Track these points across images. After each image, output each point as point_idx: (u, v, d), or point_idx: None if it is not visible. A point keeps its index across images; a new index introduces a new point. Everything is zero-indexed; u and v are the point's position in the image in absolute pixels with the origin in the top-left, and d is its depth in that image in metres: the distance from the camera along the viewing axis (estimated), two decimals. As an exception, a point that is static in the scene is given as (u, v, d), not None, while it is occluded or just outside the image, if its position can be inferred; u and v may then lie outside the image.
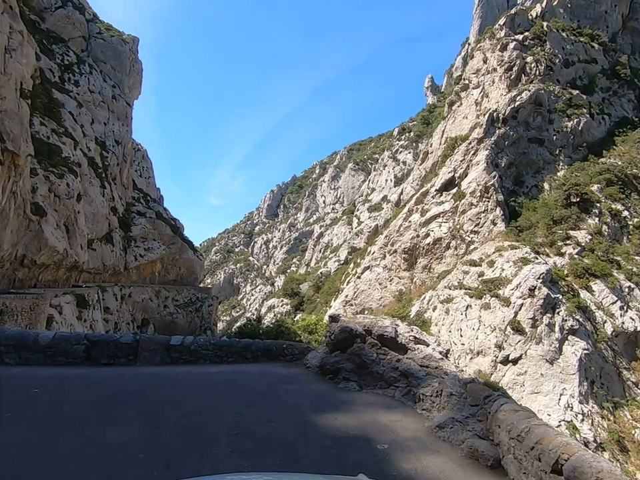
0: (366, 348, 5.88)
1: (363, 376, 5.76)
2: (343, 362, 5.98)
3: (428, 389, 4.71)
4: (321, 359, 6.42)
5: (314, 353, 6.94)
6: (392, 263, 44.55)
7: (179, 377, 5.76)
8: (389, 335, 5.84)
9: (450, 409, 4.22)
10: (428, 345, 5.53)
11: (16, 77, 20.10)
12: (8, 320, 14.31)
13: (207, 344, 7.06)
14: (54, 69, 52.69)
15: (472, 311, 28.21)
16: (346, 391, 5.58)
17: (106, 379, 5.43)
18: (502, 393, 3.95)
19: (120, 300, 49.74)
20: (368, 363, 5.72)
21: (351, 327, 6.11)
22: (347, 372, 5.84)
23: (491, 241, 34.12)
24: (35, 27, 52.61)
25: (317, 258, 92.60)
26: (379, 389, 5.53)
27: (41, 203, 26.49)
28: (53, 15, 62.27)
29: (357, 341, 6.03)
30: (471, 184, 39.22)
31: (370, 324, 6.09)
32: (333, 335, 6.31)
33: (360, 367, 5.82)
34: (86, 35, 68.00)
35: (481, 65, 53.71)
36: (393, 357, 5.69)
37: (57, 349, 6.13)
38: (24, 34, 23.04)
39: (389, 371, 5.53)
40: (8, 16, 20.49)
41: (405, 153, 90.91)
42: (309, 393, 5.42)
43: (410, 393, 5.14)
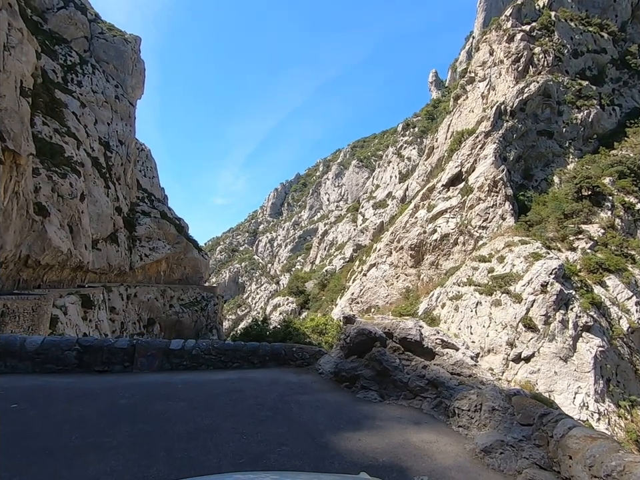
0: (387, 353, 5.27)
1: (384, 384, 5.15)
2: (360, 368, 5.39)
3: (464, 402, 4.08)
4: (335, 364, 5.85)
5: (327, 357, 6.36)
6: (398, 259, 43.92)
7: (177, 387, 5.19)
8: (413, 338, 5.20)
9: (494, 428, 3.65)
10: (457, 348, 4.97)
11: (15, 74, 19.80)
12: (10, 321, 14.03)
13: (210, 348, 6.47)
14: (57, 69, 52.63)
15: (482, 307, 27.55)
16: (366, 402, 4.98)
17: (96, 390, 4.88)
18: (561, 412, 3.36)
19: (126, 300, 49.74)
20: (390, 369, 5.11)
21: (369, 329, 5.50)
22: (366, 380, 5.24)
23: (500, 236, 33.35)
24: (38, 27, 52.53)
25: (321, 256, 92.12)
26: (404, 400, 4.92)
27: (44, 203, 26.30)
28: (55, 15, 62.21)
29: (377, 344, 5.44)
30: (479, 178, 38.43)
31: (391, 326, 5.49)
32: (349, 337, 5.72)
33: (381, 375, 5.21)
34: (88, 35, 67.91)
35: (487, 57, 52.67)
36: (419, 362, 5.09)
37: (46, 355, 5.64)
38: (24, 32, 22.74)
39: (415, 379, 4.92)
40: (7, 13, 20.17)
41: (409, 149, 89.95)
42: (324, 404, 4.81)
43: (441, 405, 4.53)
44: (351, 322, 5.98)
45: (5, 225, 20.74)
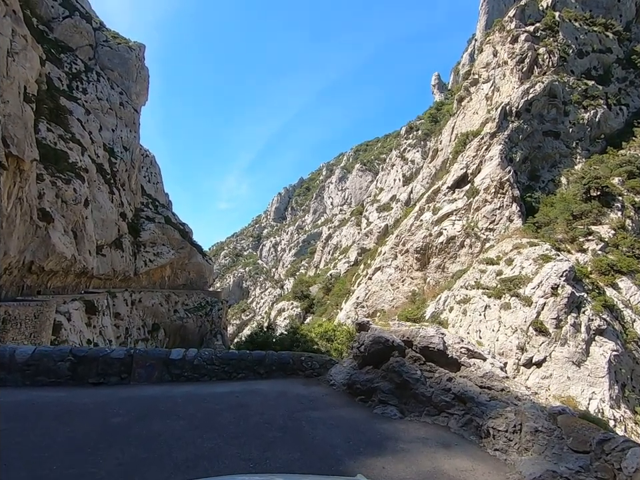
0: (407, 363, 4.80)
1: (404, 399, 4.66)
2: (377, 380, 4.92)
3: (500, 422, 3.61)
4: (348, 375, 5.39)
5: (339, 367, 5.87)
6: (404, 263, 43.45)
7: (177, 401, 4.71)
8: (436, 347, 4.70)
9: (539, 454, 3.14)
10: (484, 358, 4.52)
11: (19, 80, 19.79)
12: (11, 329, 13.80)
13: (213, 358, 6.03)
14: (62, 77, 53.08)
15: (491, 311, 27.00)
16: (385, 418, 4.48)
17: (88, 405, 4.43)
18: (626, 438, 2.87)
19: (130, 305, 49.60)
20: (410, 382, 4.61)
21: (386, 337, 5.02)
22: (384, 393, 4.75)
23: (508, 238, 32.83)
24: (43, 36, 53.10)
25: (325, 260, 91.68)
26: (427, 417, 4.43)
27: (47, 209, 26.23)
28: (61, 24, 62.89)
29: (394, 354, 4.95)
30: (485, 180, 37.98)
31: (410, 333, 4.99)
32: (363, 346, 5.26)
33: (400, 388, 4.71)
34: (93, 43, 68.61)
35: (491, 58, 52.39)
36: (443, 374, 4.58)
37: (37, 366, 5.24)
38: (28, 38, 22.82)
39: (439, 393, 4.43)
40: (11, 19, 20.22)
41: (413, 152, 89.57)
42: (339, 422, 4.29)
43: (471, 423, 4.04)
44: (365, 329, 5.51)
45: (9, 231, 20.63)
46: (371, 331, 5.23)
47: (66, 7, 63.46)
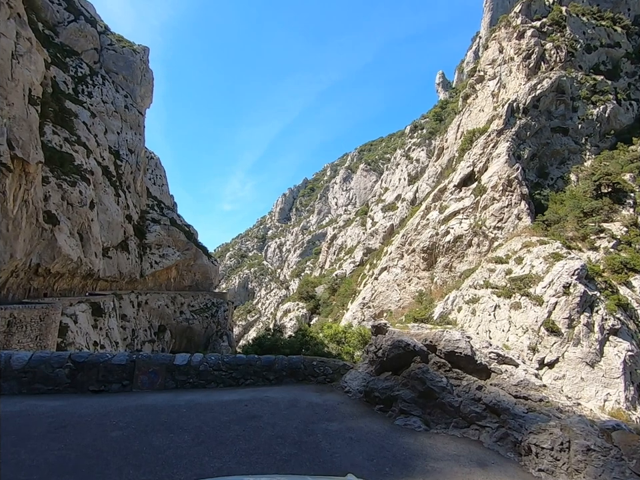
0: (430, 370, 4.36)
1: (428, 409, 4.22)
2: (397, 388, 4.46)
3: (544, 438, 3.15)
4: (364, 381, 4.98)
5: (353, 373, 5.41)
6: (410, 262, 43.00)
7: (182, 411, 4.35)
8: (463, 352, 4.28)
9: (594, 477, 2.70)
10: (517, 364, 4.12)
11: (24, 82, 19.77)
12: (17, 331, 13.69)
13: (219, 363, 5.69)
14: (68, 81, 53.42)
15: (501, 311, 26.50)
16: (408, 431, 4.04)
17: (86, 416, 4.07)
18: None
19: (137, 307, 49.70)
20: (436, 390, 4.17)
21: (407, 340, 4.58)
22: (406, 402, 4.30)
23: (517, 237, 32.25)
24: (49, 40, 53.53)
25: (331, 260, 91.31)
26: (455, 429, 3.98)
27: (53, 211, 26.26)
28: (66, 28, 63.35)
29: (416, 359, 4.51)
30: (492, 178, 37.43)
31: (433, 337, 4.57)
32: (381, 350, 4.86)
33: (424, 396, 4.26)
34: (98, 47, 69.05)
35: (497, 55, 51.75)
36: (471, 382, 4.16)
37: (34, 373, 4.93)
38: (32, 41, 22.83)
39: (468, 403, 3.99)
40: (15, 22, 20.22)
41: (418, 151, 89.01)
42: (359, 436, 3.85)
43: (507, 438, 3.60)
44: (382, 332, 5.17)
45: (15, 234, 20.61)
46: (388, 334, 4.88)
47: (71, 11, 63.97)
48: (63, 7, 62.42)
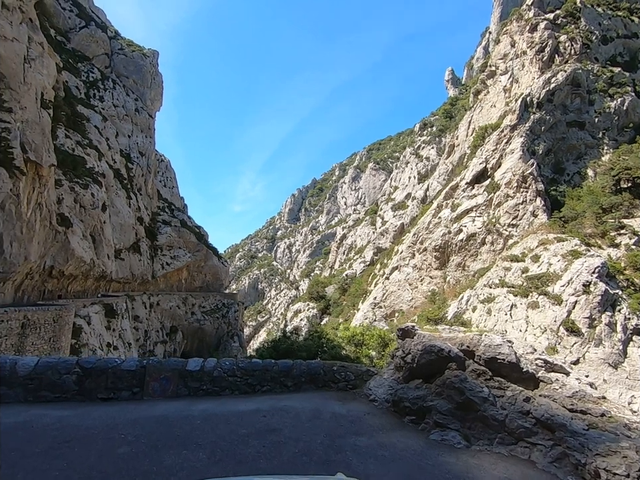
0: (469, 378, 3.89)
1: (467, 422, 3.74)
2: (431, 398, 3.99)
3: (615, 462, 2.69)
4: (391, 389, 4.54)
5: (378, 380, 5.00)
6: (422, 261, 42.36)
7: (196, 423, 3.99)
8: (507, 358, 3.79)
9: None
10: (567, 372, 3.74)
11: (36, 86, 19.95)
12: (30, 333, 13.73)
13: (234, 368, 5.32)
14: (80, 85, 54.22)
15: (517, 310, 25.78)
16: (447, 447, 3.57)
17: (93, 429, 3.75)
18: None
19: (149, 308, 50.10)
20: (476, 402, 3.69)
21: (440, 345, 4.13)
22: (441, 414, 3.83)
23: (532, 234, 31.42)
24: (61, 47, 54.46)
25: (340, 260, 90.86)
26: (501, 446, 3.49)
27: (66, 214, 26.51)
28: (78, 34, 64.39)
29: (451, 366, 4.04)
30: (506, 174, 36.58)
31: (470, 342, 4.12)
32: (410, 355, 4.41)
33: (462, 408, 3.79)
34: (109, 51, 70.00)
35: (509, 49, 50.68)
36: (517, 393, 3.68)
37: (40, 380, 4.68)
38: (44, 45, 23.07)
39: (515, 416, 3.50)
40: (27, 27, 20.43)
41: (427, 149, 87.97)
42: (393, 454, 3.40)
43: (566, 459, 3.11)
44: (410, 335, 4.79)
45: (29, 236, 20.81)
46: (417, 337, 4.51)
47: (82, 17, 65.00)
48: (75, 13, 63.48)
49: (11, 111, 17.44)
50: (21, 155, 18.42)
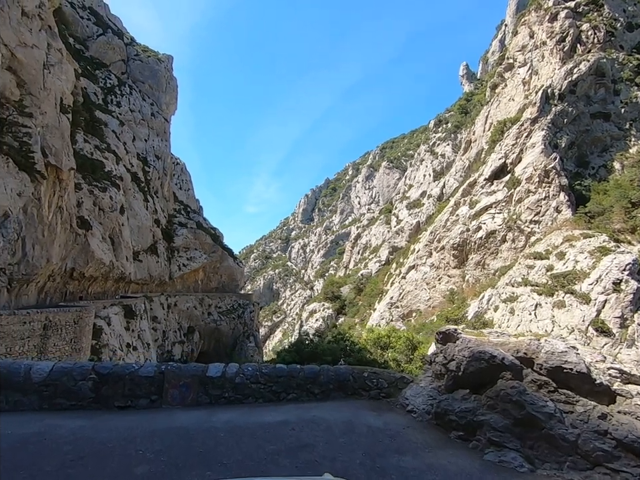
0: (528, 390, 3.38)
1: (529, 441, 3.22)
2: (482, 411, 3.48)
3: None
4: (432, 399, 4.08)
5: (416, 389, 4.50)
6: (440, 260, 41.47)
7: (219, 437, 3.63)
8: (575, 367, 3.30)
9: None
10: None
11: (55, 92, 20.31)
12: (52, 334, 13.90)
13: (258, 374, 5.00)
14: (98, 92, 55.50)
15: (542, 310, 24.80)
16: (508, 472, 3.06)
17: (109, 443, 3.44)
18: None
19: (166, 309, 50.79)
20: (540, 418, 3.17)
21: (491, 352, 3.63)
22: (496, 431, 3.32)
23: (557, 230, 30.24)
24: (80, 54, 55.85)
25: (355, 260, 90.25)
26: (573, 471, 2.96)
27: (86, 217, 27.00)
28: (95, 42, 66.00)
29: (505, 376, 3.54)
30: (527, 169, 35.38)
31: (528, 348, 3.61)
32: (454, 362, 3.94)
33: (522, 425, 3.27)
34: (125, 58, 71.47)
35: (527, 40, 49.13)
36: (589, 408, 3.17)
37: (55, 387, 4.47)
38: (63, 52, 23.53)
39: (590, 436, 3.00)
40: (46, 34, 20.83)
41: (443, 145, 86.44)
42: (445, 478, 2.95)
43: None
44: (451, 339, 4.32)
45: (50, 239, 21.20)
46: (462, 342, 4.01)
47: (99, 25, 66.56)
48: (92, 21, 65.06)
49: (31, 116, 17.78)
50: (41, 159, 18.75)
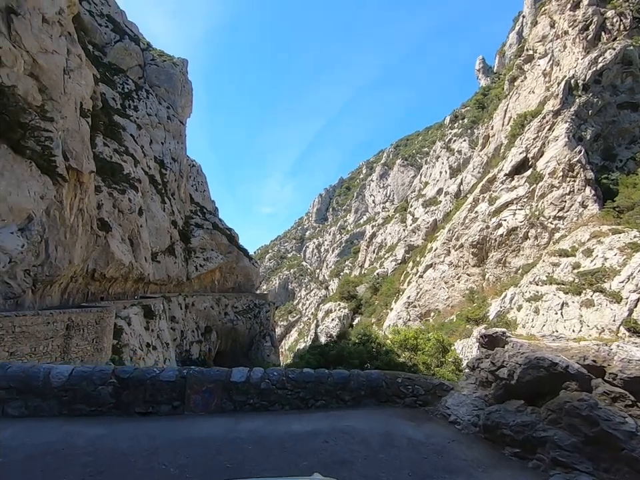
0: (600, 403, 2.92)
1: (603, 462, 2.76)
2: (542, 426, 3.04)
3: None
4: (478, 410, 3.67)
5: (458, 397, 4.09)
6: (458, 258, 40.52)
7: (246, 450, 3.30)
8: None
9: None
10: None
11: (75, 96, 20.71)
12: (75, 335, 14.12)
13: (284, 380, 4.73)
14: (116, 97, 56.76)
15: (569, 309, 23.79)
16: None
17: (130, 456, 3.15)
18: None
19: (184, 309, 51.49)
20: (617, 437, 2.70)
21: (552, 359, 3.16)
22: (562, 450, 2.84)
23: (583, 226, 29.01)
24: (99, 61, 57.25)
25: (370, 259, 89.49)
26: None
27: (106, 219, 27.52)
28: (113, 48, 67.58)
29: (570, 386, 3.09)
30: (550, 163, 34.11)
31: (597, 354, 3.17)
32: (506, 369, 3.48)
33: (593, 443, 2.80)
34: (142, 63, 72.89)
35: (548, 30, 47.48)
36: None
37: (74, 392, 4.31)
38: (82, 57, 24.00)
39: None
40: (66, 40, 21.26)
41: (459, 142, 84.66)
42: None
43: None
44: (499, 343, 3.93)
45: (72, 241, 21.64)
46: (512, 346, 3.59)
47: (117, 32, 68.08)
48: (110, 28, 66.60)
49: (52, 120, 18.15)
50: (63, 162, 19.13)
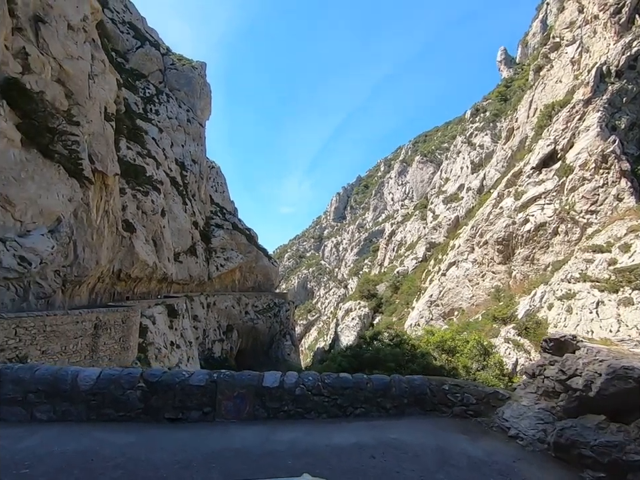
0: None
1: None
2: (633, 448, 2.65)
3: None
4: (545, 424, 3.26)
5: (517, 408, 3.63)
6: (483, 256, 39.26)
7: (286, 464, 3.01)
8: None
9: None
10: None
11: (100, 101, 21.22)
12: (102, 333, 14.42)
13: (320, 385, 4.42)
14: (138, 102, 58.27)
15: (605, 308, 22.52)
16: None
17: (162, 469, 2.90)
18: None
19: (206, 308, 52.37)
20: None
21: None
22: None
23: (618, 220, 27.46)
24: (121, 67, 58.95)
25: (390, 257, 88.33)
26: None
27: (130, 220, 28.17)
28: (135, 54, 69.43)
29: None
30: (581, 154, 32.48)
31: None
32: (581, 379, 3.06)
33: None
34: (162, 67, 74.61)
35: (576, 16, 45.28)
36: None
37: (102, 396, 4.22)
38: (105, 63, 24.60)
39: None
40: (90, 46, 21.81)
41: (481, 136, 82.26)
42: None
43: None
44: (568, 348, 3.46)
45: (99, 242, 22.21)
46: (586, 353, 3.11)
47: (138, 38, 69.88)
48: (131, 35, 68.43)
49: (78, 124, 18.63)
50: (89, 165, 19.63)
